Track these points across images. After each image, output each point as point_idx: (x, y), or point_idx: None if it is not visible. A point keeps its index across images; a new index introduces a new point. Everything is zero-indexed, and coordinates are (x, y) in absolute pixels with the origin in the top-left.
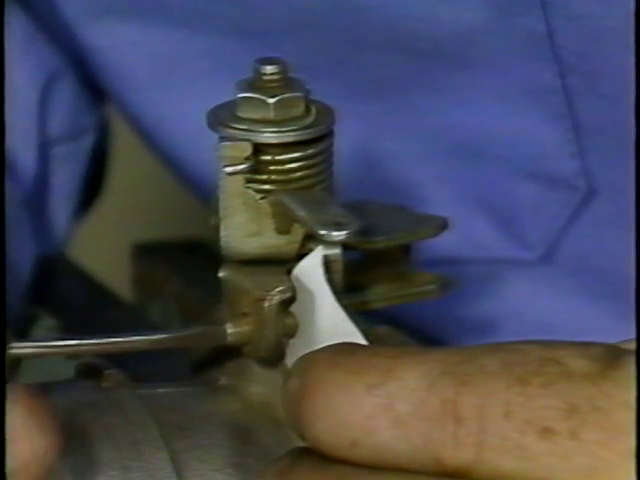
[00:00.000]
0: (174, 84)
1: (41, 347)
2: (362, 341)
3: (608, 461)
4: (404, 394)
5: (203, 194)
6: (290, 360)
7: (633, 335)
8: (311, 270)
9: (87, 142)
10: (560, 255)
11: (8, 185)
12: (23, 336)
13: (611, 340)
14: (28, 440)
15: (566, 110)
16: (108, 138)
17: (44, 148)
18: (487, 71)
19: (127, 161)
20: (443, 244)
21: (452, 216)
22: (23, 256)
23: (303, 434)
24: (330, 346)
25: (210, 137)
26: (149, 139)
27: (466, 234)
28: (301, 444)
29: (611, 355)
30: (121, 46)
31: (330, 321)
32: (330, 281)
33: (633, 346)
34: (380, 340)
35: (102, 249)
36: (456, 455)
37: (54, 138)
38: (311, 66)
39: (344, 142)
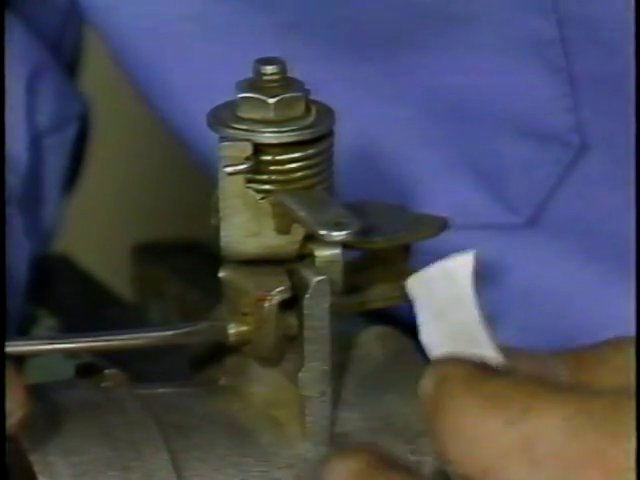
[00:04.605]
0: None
1: (40, 344)
2: (493, 354)
3: None
4: (544, 434)
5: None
6: (424, 338)
7: (627, 296)
8: (462, 269)
9: (71, 131)
10: (547, 218)
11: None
12: (24, 336)
13: (604, 304)
14: None
15: (563, 62)
16: (88, 125)
17: (35, 140)
18: (485, 26)
19: (127, 162)
20: (431, 212)
21: (440, 181)
22: (19, 255)
23: (436, 447)
24: (464, 365)
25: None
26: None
27: (453, 200)
28: (298, 447)
29: None
30: None
31: (467, 325)
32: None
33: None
34: (380, 340)
35: (102, 249)
36: None
37: (43, 129)
38: (304, 26)
39: (333, 105)
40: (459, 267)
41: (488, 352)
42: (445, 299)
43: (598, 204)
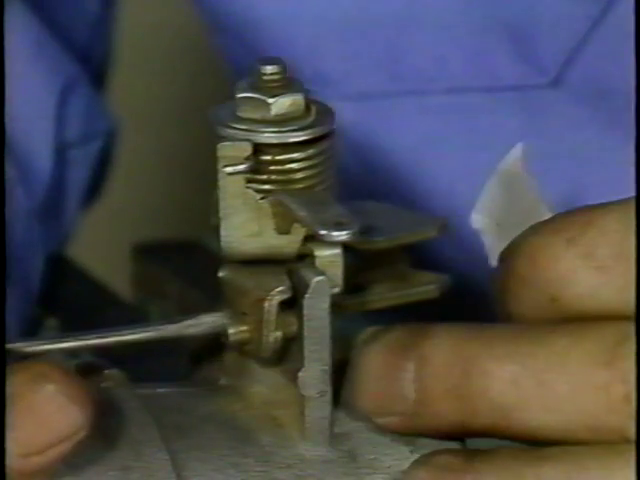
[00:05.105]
0: None
1: (44, 344)
2: None
3: None
4: (604, 240)
5: None
6: (490, 247)
7: None
8: (513, 162)
9: (96, 147)
10: (571, 78)
11: (19, 193)
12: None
13: (626, 170)
14: (63, 414)
15: None
16: (114, 143)
17: (61, 152)
18: None
19: (128, 162)
20: (459, 74)
21: (468, 43)
22: (34, 264)
23: (508, 308)
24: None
25: None
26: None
27: (479, 62)
28: (298, 447)
29: None
30: None
31: (531, 210)
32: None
33: None
34: None
35: (102, 249)
36: None
37: (69, 142)
38: None
39: None
40: (510, 162)
41: None
42: (505, 205)
43: (622, 63)
